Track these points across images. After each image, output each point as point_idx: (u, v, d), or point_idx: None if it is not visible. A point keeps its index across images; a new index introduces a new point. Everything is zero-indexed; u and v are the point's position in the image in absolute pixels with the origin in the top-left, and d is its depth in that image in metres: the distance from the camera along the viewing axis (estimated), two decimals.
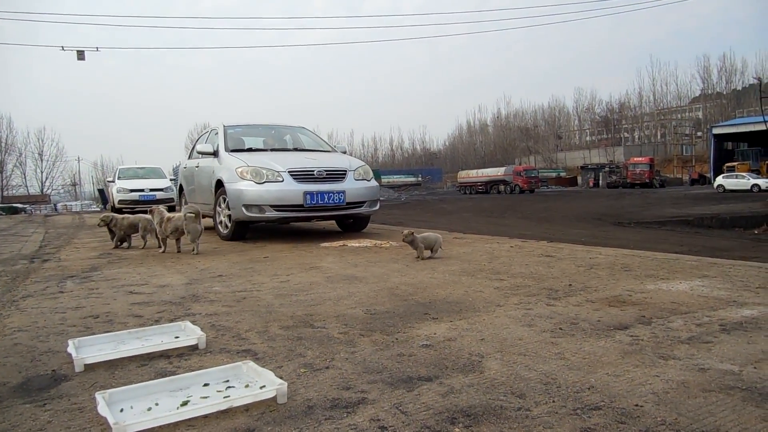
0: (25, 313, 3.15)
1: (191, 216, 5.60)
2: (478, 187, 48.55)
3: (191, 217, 5.60)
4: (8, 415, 1.73)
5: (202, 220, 5.84)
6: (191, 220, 5.60)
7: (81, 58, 22.40)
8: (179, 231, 5.71)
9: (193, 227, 5.60)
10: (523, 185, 45.07)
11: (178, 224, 5.68)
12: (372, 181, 6.88)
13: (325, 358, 2.17)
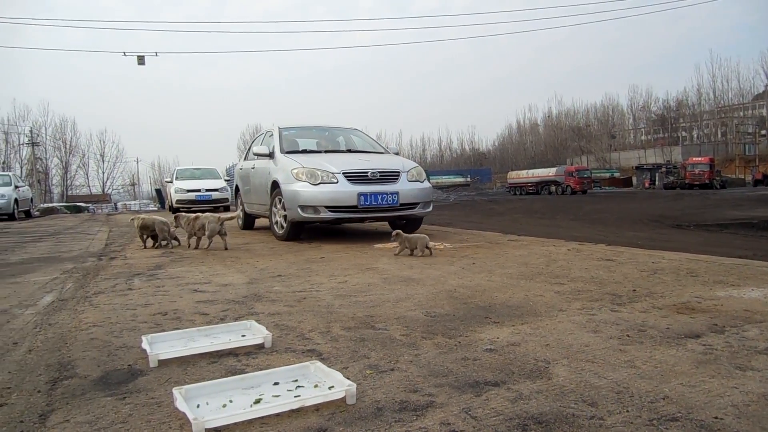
0: (98, 309, 3.29)
1: (214, 217, 6.26)
2: (529, 188, 47.81)
3: (214, 218, 6.24)
4: (92, 407, 1.81)
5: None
6: (214, 219, 6.20)
7: (141, 63, 23.26)
8: (203, 229, 6.22)
9: (212, 226, 6.15)
10: (575, 186, 44.11)
11: (204, 222, 6.22)
12: (425, 182, 6.88)
13: (390, 360, 2.18)
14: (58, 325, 2.93)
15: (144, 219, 6.60)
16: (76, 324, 2.93)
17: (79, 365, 2.25)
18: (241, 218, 9.14)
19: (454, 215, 18.86)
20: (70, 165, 64.03)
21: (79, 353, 2.42)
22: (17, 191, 17.63)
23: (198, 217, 6.30)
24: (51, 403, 1.86)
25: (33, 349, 2.51)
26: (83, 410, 1.79)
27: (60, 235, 9.69)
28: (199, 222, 6.25)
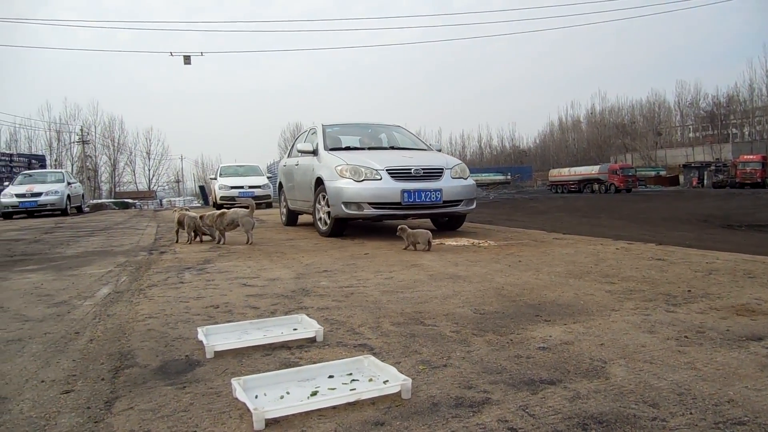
0: (152, 301, 3.39)
1: (245, 211, 6.39)
2: (571, 186, 46.97)
3: (246, 211, 6.39)
4: (154, 396, 1.86)
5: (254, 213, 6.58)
6: (245, 214, 6.36)
7: (187, 62, 23.82)
8: (234, 224, 6.42)
9: (247, 220, 6.34)
10: (619, 184, 43.10)
11: (234, 218, 6.40)
12: (469, 179, 6.83)
13: (442, 356, 2.18)
14: (116, 316, 3.03)
15: (178, 214, 6.88)
16: (132, 315, 3.02)
17: (138, 355, 2.32)
18: (285, 214, 9.26)
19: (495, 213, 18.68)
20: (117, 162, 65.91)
21: (138, 343, 2.49)
22: (70, 188, 18.27)
23: (225, 213, 6.46)
24: (115, 391, 1.92)
25: (94, 338, 2.60)
26: (146, 398, 1.85)
27: (111, 230, 10.00)
28: (228, 218, 6.40)
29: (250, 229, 6.37)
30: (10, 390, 1.96)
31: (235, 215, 6.42)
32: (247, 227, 6.36)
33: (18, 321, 2.98)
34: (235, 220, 6.40)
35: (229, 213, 6.48)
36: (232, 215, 6.43)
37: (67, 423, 1.67)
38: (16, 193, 16.69)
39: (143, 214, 18.60)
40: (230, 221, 6.40)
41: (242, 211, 6.49)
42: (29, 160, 27.51)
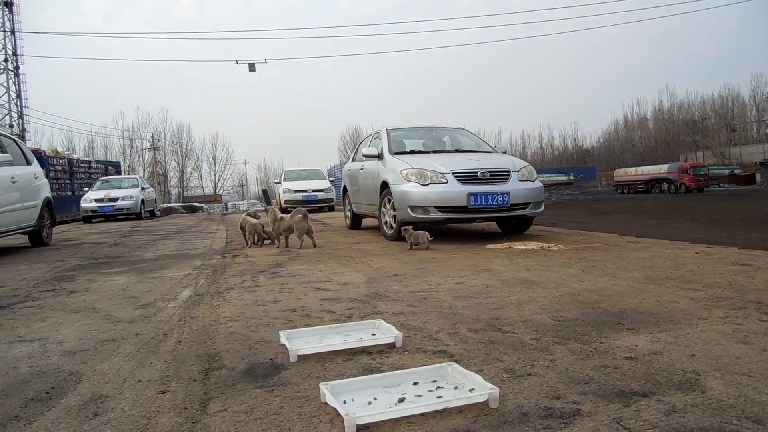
0: (232, 304, 3.50)
1: (300, 216, 6.58)
2: (638, 186, 45.30)
3: (300, 217, 6.57)
4: (245, 398, 1.92)
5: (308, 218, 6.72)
6: (300, 219, 6.55)
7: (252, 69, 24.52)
8: (290, 229, 6.63)
9: (301, 225, 6.53)
10: (689, 184, 41.21)
11: (290, 223, 6.63)
12: (536, 182, 6.71)
13: (525, 364, 2.15)
14: (199, 318, 3.14)
15: (242, 219, 7.19)
16: (214, 318, 3.13)
17: (225, 357, 2.40)
18: (349, 218, 9.36)
19: (558, 215, 18.25)
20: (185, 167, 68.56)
21: (223, 346, 2.58)
22: (143, 192, 19.14)
23: (283, 219, 6.73)
24: (207, 392, 2.00)
25: (182, 340, 2.71)
26: (237, 400, 1.91)
27: (183, 233, 10.40)
28: (285, 223, 6.66)
29: (303, 233, 6.59)
30: (111, 389, 2.07)
31: (291, 221, 6.67)
32: (300, 232, 6.58)
33: (110, 322, 3.15)
34: (291, 226, 6.66)
35: (286, 219, 6.74)
36: (288, 221, 6.68)
37: (167, 422, 1.75)
38: (95, 198, 17.64)
39: (212, 217, 19.22)
40: (287, 227, 6.66)
41: (297, 217, 6.74)
42: (106, 167, 28.93)
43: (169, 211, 31.21)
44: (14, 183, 7.40)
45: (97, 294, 4.04)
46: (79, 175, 24.58)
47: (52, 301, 3.83)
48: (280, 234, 6.73)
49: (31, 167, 8.36)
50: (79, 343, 2.72)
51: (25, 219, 7.77)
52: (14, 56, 35.71)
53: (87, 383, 2.14)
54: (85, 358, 2.48)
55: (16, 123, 35.65)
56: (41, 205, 8.26)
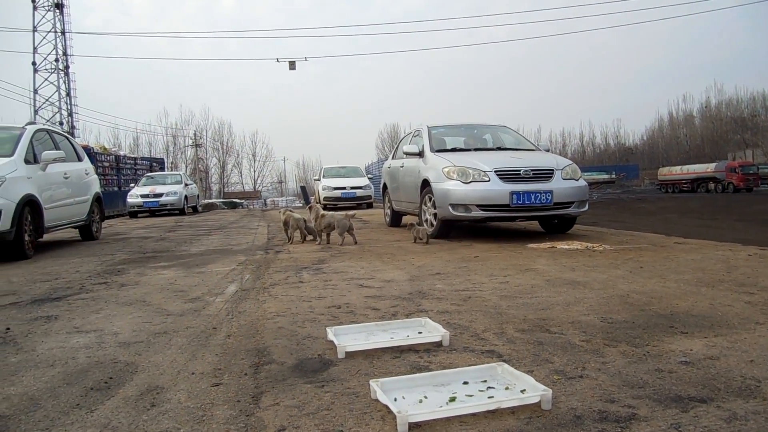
0: (277, 299, 3.55)
1: (341, 214, 6.84)
2: (683, 185, 44.00)
3: (341, 215, 6.81)
4: (296, 393, 1.95)
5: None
6: (342, 217, 6.76)
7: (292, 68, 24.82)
8: (331, 226, 6.78)
9: (342, 223, 6.70)
10: (738, 183, 39.79)
11: (331, 220, 6.79)
12: (580, 180, 6.59)
13: (576, 366, 2.11)
14: (246, 313, 3.20)
15: (285, 215, 7.34)
16: (261, 313, 3.18)
17: (274, 352, 2.44)
18: (389, 215, 9.38)
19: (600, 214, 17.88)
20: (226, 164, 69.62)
21: (271, 341, 2.61)
22: (186, 188, 19.58)
23: (324, 216, 6.87)
24: (259, 386, 2.03)
25: (231, 334, 2.76)
26: (288, 395, 1.93)
27: (226, 229, 10.59)
28: (326, 220, 6.80)
29: (344, 231, 6.73)
30: (166, 380, 2.12)
31: (332, 218, 6.84)
32: (341, 229, 6.73)
33: (161, 315, 3.23)
34: (331, 223, 6.81)
35: (327, 216, 6.88)
36: (329, 218, 6.83)
37: (222, 415, 1.79)
38: (140, 194, 18.13)
39: (252, 213, 19.50)
40: (327, 224, 6.81)
41: (338, 214, 6.93)
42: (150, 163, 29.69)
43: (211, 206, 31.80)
44: (66, 179, 7.66)
45: (147, 287, 4.16)
46: (125, 171, 25.30)
47: (105, 294, 3.96)
48: (322, 231, 6.83)
49: (82, 163, 8.64)
50: (133, 335, 2.80)
51: (77, 214, 8.04)
52: (64, 56, 36.94)
53: (143, 374, 2.21)
54: (139, 349, 2.55)
55: (65, 120, 36.90)
56: (91, 200, 8.52)
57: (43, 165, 6.99)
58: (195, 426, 1.71)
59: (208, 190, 62.70)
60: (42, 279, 4.74)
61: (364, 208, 17.77)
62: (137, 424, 1.74)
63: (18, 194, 6.17)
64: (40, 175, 6.90)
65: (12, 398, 2.00)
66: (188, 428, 1.70)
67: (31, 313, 3.42)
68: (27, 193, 6.35)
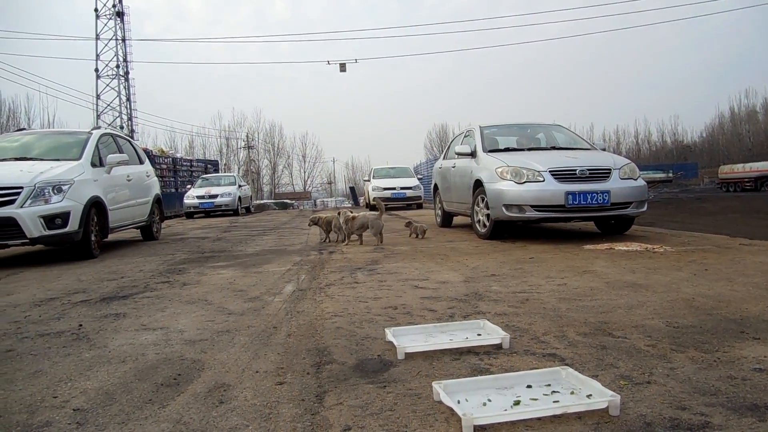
0: (334, 299, 3.59)
1: (375, 214, 6.95)
2: (745, 184, 42.03)
3: (375, 215, 6.93)
4: (359, 393, 1.97)
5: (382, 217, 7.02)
6: (375, 217, 6.87)
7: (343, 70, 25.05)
8: (364, 227, 6.90)
9: (376, 223, 6.83)
10: None
11: (364, 221, 6.89)
12: (639, 180, 6.41)
13: (642, 371, 2.06)
14: (304, 313, 3.25)
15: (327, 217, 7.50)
16: (319, 313, 3.22)
17: (334, 352, 2.47)
18: (440, 216, 9.35)
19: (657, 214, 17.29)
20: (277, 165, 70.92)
21: (331, 341, 2.65)
22: (240, 190, 20.04)
23: (356, 218, 6.94)
24: (321, 386, 2.06)
25: (291, 334, 2.81)
26: (351, 395, 1.96)
27: (279, 229, 10.78)
28: (359, 221, 6.88)
29: (379, 231, 6.83)
30: (232, 378, 2.18)
31: (365, 219, 6.92)
32: (376, 230, 6.82)
33: (222, 314, 3.32)
34: (365, 224, 6.89)
35: (359, 216, 6.97)
36: (362, 219, 6.92)
37: (288, 413, 1.83)
38: (196, 195, 18.68)
39: (304, 214, 19.78)
40: (361, 224, 6.89)
41: (372, 214, 7.02)
42: (205, 165, 30.55)
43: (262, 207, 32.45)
44: (129, 181, 7.96)
45: (208, 287, 4.28)
46: (181, 173, 26.13)
47: (168, 292, 4.10)
48: (353, 232, 6.96)
49: (144, 166, 8.97)
50: (198, 333, 2.89)
51: (138, 214, 8.35)
52: (124, 62, 38.37)
53: (209, 372, 2.28)
54: (204, 347, 2.63)
55: (125, 124, 38.32)
56: (152, 201, 8.84)
57: (108, 168, 7.30)
58: (262, 423, 1.75)
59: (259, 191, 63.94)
60: (108, 278, 4.94)
61: (414, 209, 17.77)
62: (207, 420, 1.80)
63: (85, 196, 6.45)
64: (105, 177, 7.20)
65: (89, 392, 2.10)
66: (256, 425, 1.74)
67: (101, 310, 3.57)
68: (93, 195, 6.64)
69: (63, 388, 2.15)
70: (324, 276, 4.55)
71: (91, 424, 1.82)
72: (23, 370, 2.40)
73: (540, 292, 3.57)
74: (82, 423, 1.83)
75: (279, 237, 8.90)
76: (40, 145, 7.58)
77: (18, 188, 5.94)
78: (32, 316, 3.47)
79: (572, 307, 3.12)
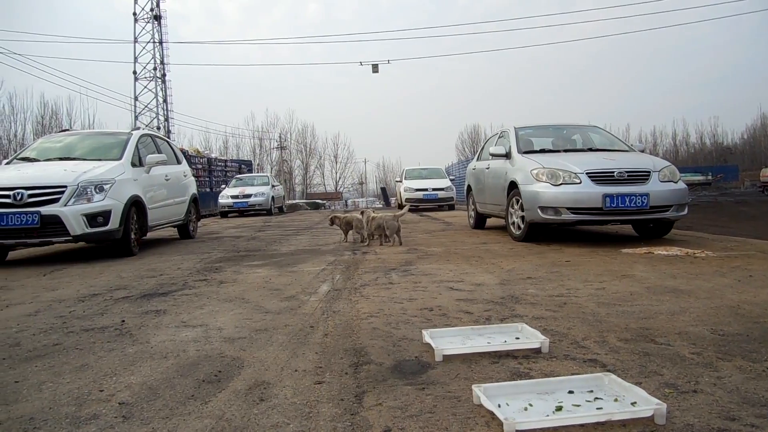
0: (369, 300, 3.60)
1: (391, 215, 7.05)
2: None
3: (391, 216, 7.01)
4: (397, 394, 1.97)
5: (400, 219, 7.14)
6: (390, 218, 6.93)
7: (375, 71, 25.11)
8: (381, 228, 6.93)
9: (392, 224, 6.87)
10: None
11: (381, 222, 6.93)
12: (679, 183, 6.26)
13: (688, 380, 2.01)
14: (341, 313, 3.27)
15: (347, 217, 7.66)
16: (355, 313, 3.24)
17: (371, 353, 2.48)
18: (473, 217, 9.29)
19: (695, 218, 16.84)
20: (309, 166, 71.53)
21: (368, 341, 2.66)
22: (273, 190, 20.28)
23: (374, 219, 7.00)
24: (360, 386, 2.07)
25: (328, 333, 2.83)
26: (390, 396, 1.96)
27: (312, 229, 10.86)
28: (376, 222, 6.94)
29: (395, 232, 6.90)
30: (271, 376, 2.21)
31: (381, 220, 6.95)
32: (391, 231, 6.86)
33: (260, 312, 3.36)
34: (381, 225, 6.93)
35: (377, 218, 7.01)
36: (379, 220, 6.96)
37: (328, 413, 1.84)
38: (231, 195, 18.97)
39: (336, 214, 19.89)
40: (378, 225, 6.95)
41: (387, 216, 7.05)
42: (239, 165, 30.98)
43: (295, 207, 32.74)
44: (167, 180, 8.13)
45: (244, 285, 4.34)
46: (216, 173, 26.55)
47: (206, 290, 4.17)
48: (372, 233, 7.02)
49: (181, 166, 9.15)
50: (236, 331, 2.93)
51: (176, 213, 8.51)
52: (161, 64, 39.16)
53: (249, 369, 2.31)
54: (243, 345, 2.67)
55: (162, 125, 39.11)
56: (189, 200, 9.00)
57: (147, 168, 7.46)
58: (303, 422, 1.77)
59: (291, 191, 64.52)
60: (148, 275, 5.05)
61: (446, 210, 17.69)
62: (249, 417, 1.82)
63: (125, 195, 6.61)
64: (145, 177, 7.36)
65: (133, 387, 2.15)
66: (297, 424, 1.76)
67: (141, 306, 3.65)
68: (133, 194, 6.80)
69: (108, 382, 2.20)
70: (358, 276, 4.57)
71: (136, 418, 1.86)
72: (70, 364, 2.47)
73: (578, 296, 3.52)
74: (127, 417, 1.87)
75: (312, 237, 8.97)
76: (82, 145, 7.81)
77: (62, 187, 6.12)
78: (77, 312, 3.56)
79: (612, 311, 3.07)
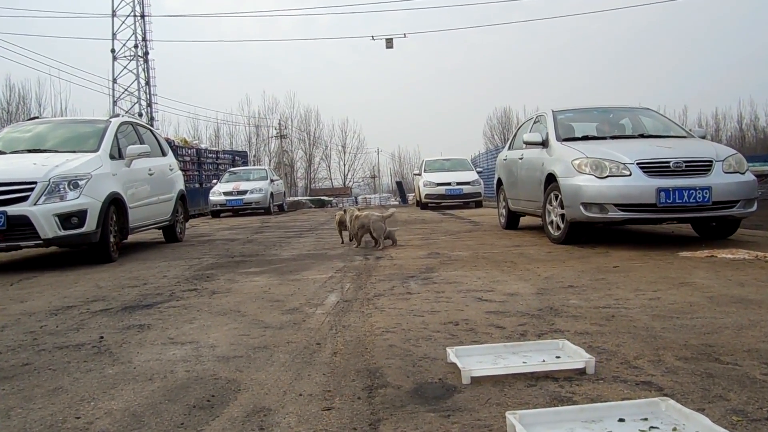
0: (384, 312, 3.61)
1: (377, 215, 7.18)
2: None
3: (377, 216, 7.14)
4: (419, 422, 1.97)
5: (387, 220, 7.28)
6: (377, 219, 7.05)
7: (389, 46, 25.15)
8: (365, 228, 7.10)
9: (378, 225, 7.00)
10: None
11: (365, 222, 7.08)
12: (747, 174, 6.20)
13: (759, 405, 1.99)
14: (351, 328, 3.28)
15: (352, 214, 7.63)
16: (368, 328, 3.25)
17: (387, 374, 2.48)
18: (504, 216, 9.27)
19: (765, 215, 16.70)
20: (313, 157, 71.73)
21: (383, 360, 2.66)
22: (272, 185, 20.38)
23: (358, 217, 7.12)
24: (375, 413, 2.07)
25: (337, 352, 2.84)
26: (410, 424, 1.96)
27: (317, 230, 10.91)
28: (359, 222, 7.06)
29: (381, 234, 7.04)
30: (272, 401, 2.22)
31: (366, 219, 7.07)
32: (377, 233, 6.97)
33: (258, 327, 3.38)
34: (365, 225, 7.05)
35: (361, 217, 7.14)
36: (363, 219, 7.09)
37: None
38: (223, 191, 19.07)
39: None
40: (361, 225, 7.08)
41: (374, 215, 7.16)
42: (233, 157, 31.15)
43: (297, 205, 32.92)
44: (151, 175, 8.20)
45: (240, 296, 4.36)
46: (206, 166, 26.70)
47: (196, 302, 4.20)
48: (356, 233, 7.18)
49: (166, 158, 9.23)
50: (231, 349, 2.95)
51: (161, 213, 8.58)
52: (143, 41, 39.52)
53: (246, 393, 2.32)
54: (239, 365, 2.69)
55: (144, 111, 39.47)
56: (175, 198, 9.08)
57: (128, 161, 7.53)
58: None
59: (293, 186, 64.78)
60: (130, 284, 5.10)
61: (473, 208, 17.66)
62: None
63: (103, 192, 6.66)
64: (125, 171, 7.43)
65: (114, 413, 2.17)
66: None
67: (123, 321, 3.69)
68: (112, 191, 6.85)
69: (86, 408, 2.23)
70: (372, 285, 4.58)
71: None
72: (42, 387, 2.50)
73: (628, 307, 3.50)
74: None
75: (318, 239, 9.01)
76: (54, 135, 7.90)
77: (31, 183, 6.18)
78: (49, 327, 3.61)
79: (668, 326, 3.04)
